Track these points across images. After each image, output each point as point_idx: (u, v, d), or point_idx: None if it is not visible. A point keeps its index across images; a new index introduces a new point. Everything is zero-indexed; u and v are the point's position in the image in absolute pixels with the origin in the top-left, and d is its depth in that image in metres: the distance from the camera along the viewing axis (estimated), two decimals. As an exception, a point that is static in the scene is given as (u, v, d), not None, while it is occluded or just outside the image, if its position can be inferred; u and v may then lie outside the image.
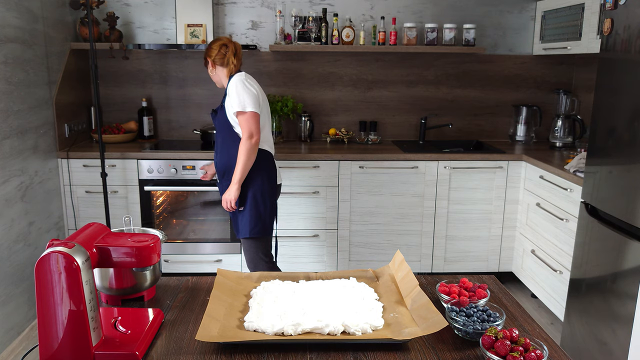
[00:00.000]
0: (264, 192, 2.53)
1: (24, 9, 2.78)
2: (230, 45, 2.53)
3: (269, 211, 2.56)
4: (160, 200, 3.49)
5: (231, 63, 2.51)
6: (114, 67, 3.63)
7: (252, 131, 2.39)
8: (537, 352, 1.03)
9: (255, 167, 2.48)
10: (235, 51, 2.52)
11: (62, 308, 1.03)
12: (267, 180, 2.54)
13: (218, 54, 2.51)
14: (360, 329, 1.16)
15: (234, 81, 2.45)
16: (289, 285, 1.38)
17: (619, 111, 2.19)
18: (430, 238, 3.34)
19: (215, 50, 2.52)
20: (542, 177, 2.99)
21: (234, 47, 2.53)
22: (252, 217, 2.52)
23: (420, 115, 3.77)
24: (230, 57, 2.50)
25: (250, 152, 2.41)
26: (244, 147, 2.40)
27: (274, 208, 2.61)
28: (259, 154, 2.49)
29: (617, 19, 2.17)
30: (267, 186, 2.54)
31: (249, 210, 2.52)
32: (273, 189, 2.58)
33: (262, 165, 2.51)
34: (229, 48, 2.52)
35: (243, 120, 2.39)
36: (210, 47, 2.55)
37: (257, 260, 2.60)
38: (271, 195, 2.57)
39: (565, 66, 3.76)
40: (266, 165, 2.54)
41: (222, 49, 2.51)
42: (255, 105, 2.40)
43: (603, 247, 2.26)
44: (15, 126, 2.70)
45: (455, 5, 3.64)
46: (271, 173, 2.57)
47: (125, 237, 1.19)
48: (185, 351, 1.12)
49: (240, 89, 2.41)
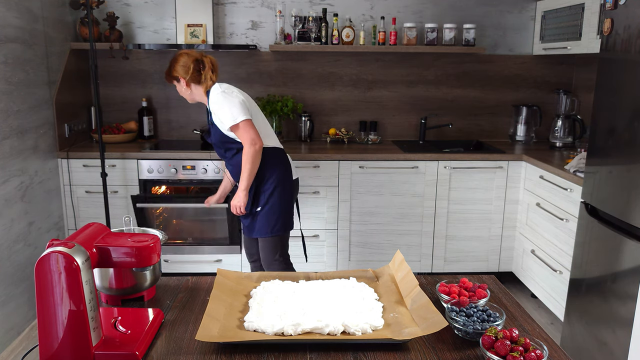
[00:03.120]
0: (279, 189, 2.47)
1: (24, 9, 2.78)
2: (205, 60, 2.40)
3: (286, 207, 2.50)
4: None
5: (209, 79, 2.39)
6: (114, 67, 3.63)
7: (252, 138, 2.33)
8: (537, 352, 1.03)
9: (266, 166, 2.43)
10: (212, 67, 2.40)
11: (62, 308, 1.03)
12: (280, 177, 2.48)
13: (193, 73, 2.37)
14: (360, 329, 1.16)
15: (213, 98, 2.36)
16: (289, 285, 1.38)
17: (619, 111, 2.19)
18: (430, 238, 3.34)
19: (189, 69, 2.36)
20: (542, 177, 2.99)
21: (210, 62, 2.40)
22: (270, 216, 2.46)
23: (420, 115, 3.77)
24: (208, 74, 2.38)
25: (254, 158, 2.35)
26: (248, 155, 2.34)
27: (291, 204, 2.55)
28: (266, 151, 2.43)
29: (617, 19, 2.17)
30: (281, 183, 2.47)
31: (267, 210, 2.46)
32: (288, 185, 2.52)
33: (272, 162, 2.46)
34: (205, 65, 2.39)
35: (240, 131, 2.33)
36: (184, 66, 2.37)
37: (271, 260, 2.54)
38: (287, 191, 2.51)
39: (565, 66, 3.76)
40: (277, 162, 2.48)
41: (197, 66, 2.38)
42: (244, 112, 2.33)
43: (603, 247, 2.26)
44: (15, 126, 2.70)
45: (455, 5, 3.64)
46: (283, 168, 2.50)
47: (125, 237, 1.19)
48: (185, 351, 1.12)
49: (224, 103, 2.32)
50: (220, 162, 3.17)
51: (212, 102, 2.37)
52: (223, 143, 2.45)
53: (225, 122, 2.33)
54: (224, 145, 2.46)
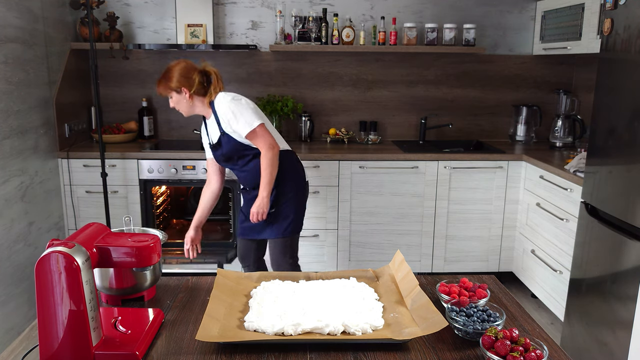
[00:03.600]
0: (294, 191, 2.44)
1: (24, 9, 2.78)
2: (210, 71, 2.31)
3: (299, 209, 2.47)
4: (161, 200, 3.49)
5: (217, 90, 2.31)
6: (114, 67, 3.63)
7: (270, 142, 2.26)
8: (537, 352, 1.03)
9: (280, 169, 2.36)
10: (217, 77, 2.32)
11: (62, 308, 1.03)
12: (294, 179, 2.45)
13: (198, 85, 2.27)
14: (360, 329, 1.16)
15: (224, 107, 2.27)
16: (289, 285, 1.38)
17: (619, 111, 2.19)
18: (430, 238, 3.34)
19: (194, 81, 2.26)
20: (542, 177, 2.99)
21: (215, 73, 2.32)
22: (283, 217, 2.42)
23: (420, 115, 3.77)
24: (218, 86, 2.30)
25: (275, 162, 2.28)
26: (267, 160, 2.26)
27: (304, 206, 2.52)
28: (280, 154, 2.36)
29: (617, 19, 2.17)
30: (295, 184, 2.44)
31: (281, 211, 2.41)
32: (301, 187, 2.49)
33: (286, 164, 2.40)
34: (210, 77, 2.31)
35: (257, 137, 2.25)
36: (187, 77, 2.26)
37: (281, 261, 2.51)
38: (300, 192, 2.48)
39: (565, 66, 3.76)
40: (290, 164, 2.43)
41: (202, 78, 2.29)
42: (257, 116, 2.28)
43: (603, 247, 2.26)
44: (15, 126, 2.70)
45: (455, 5, 3.64)
46: (297, 170, 2.48)
47: (125, 237, 1.19)
48: (185, 351, 1.12)
49: (236, 110, 2.25)
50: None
51: (223, 111, 2.27)
52: (237, 152, 2.34)
53: (242, 130, 2.25)
54: (237, 154, 2.35)
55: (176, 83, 2.26)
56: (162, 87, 2.30)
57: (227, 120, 2.27)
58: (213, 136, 2.38)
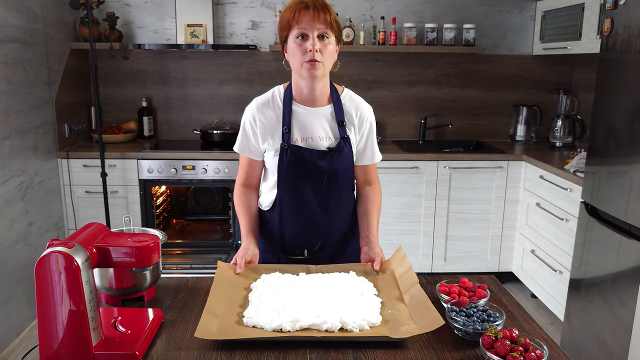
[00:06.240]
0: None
1: (24, 9, 2.78)
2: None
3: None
4: (160, 200, 3.49)
5: (337, 65, 1.64)
6: (114, 67, 3.63)
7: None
8: (537, 352, 1.03)
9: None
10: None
11: (62, 308, 1.03)
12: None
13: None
14: (358, 325, 1.16)
15: (368, 109, 1.63)
16: (289, 279, 1.38)
17: (619, 111, 2.19)
18: (430, 238, 3.34)
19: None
20: (542, 177, 2.99)
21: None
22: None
23: (420, 115, 3.76)
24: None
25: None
26: (380, 197, 1.76)
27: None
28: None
29: (617, 19, 2.17)
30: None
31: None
32: None
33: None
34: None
35: (375, 169, 1.72)
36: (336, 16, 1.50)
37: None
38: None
39: (565, 66, 3.76)
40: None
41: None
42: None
43: (603, 247, 2.26)
44: (15, 126, 2.70)
45: (455, 5, 3.64)
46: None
47: (125, 237, 1.19)
48: (185, 351, 1.12)
49: (373, 116, 1.64)
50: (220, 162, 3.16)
51: (366, 113, 1.62)
52: (346, 170, 1.61)
53: (372, 154, 1.66)
54: (342, 175, 1.59)
55: (339, 24, 1.52)
56: (323, 19, 1.45)
57: (367, 130, 1.62)
58: (318, 131, 1.58)
